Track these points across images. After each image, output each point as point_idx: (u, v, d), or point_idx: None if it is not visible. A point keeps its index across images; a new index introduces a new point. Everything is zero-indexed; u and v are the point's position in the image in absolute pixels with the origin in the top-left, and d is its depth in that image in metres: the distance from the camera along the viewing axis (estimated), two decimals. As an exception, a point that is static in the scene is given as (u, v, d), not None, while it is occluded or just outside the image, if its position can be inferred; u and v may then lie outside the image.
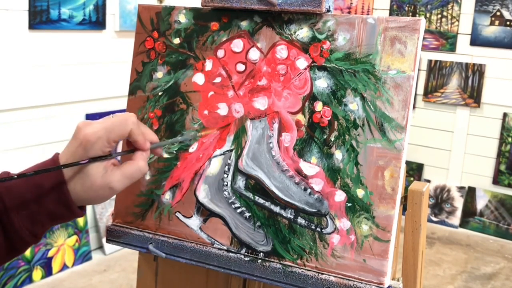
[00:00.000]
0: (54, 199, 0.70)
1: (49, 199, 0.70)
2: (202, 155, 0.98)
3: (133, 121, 0.75)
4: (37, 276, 2.85)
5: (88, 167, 0.71)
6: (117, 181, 0.73)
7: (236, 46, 0.98)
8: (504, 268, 3.41)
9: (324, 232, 0.90)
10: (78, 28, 2.89)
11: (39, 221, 0.71)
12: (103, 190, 0.73)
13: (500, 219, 3.86)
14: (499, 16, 3.79)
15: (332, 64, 0.91)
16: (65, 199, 0.71)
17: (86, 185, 0.71)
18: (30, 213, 0.70)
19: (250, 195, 0.95)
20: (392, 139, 0.87)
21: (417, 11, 4.08)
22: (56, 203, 0.70)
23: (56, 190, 0.70)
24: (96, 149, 0.71)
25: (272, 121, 0.94)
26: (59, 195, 0.70)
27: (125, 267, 3.06)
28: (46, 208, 0.70)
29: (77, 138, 0.72)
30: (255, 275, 0.93)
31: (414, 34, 0.87)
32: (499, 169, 3.86)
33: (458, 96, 3.97)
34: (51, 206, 0.70)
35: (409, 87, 0.87)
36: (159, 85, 1.02)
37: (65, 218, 0.73)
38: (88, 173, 0.71)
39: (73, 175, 0.71)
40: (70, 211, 0.72)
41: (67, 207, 0.71)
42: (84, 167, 0.71)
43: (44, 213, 0.70)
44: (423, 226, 1.02)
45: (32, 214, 0.70)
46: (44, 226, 0.72)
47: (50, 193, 0.70)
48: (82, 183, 0.71)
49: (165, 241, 0.99)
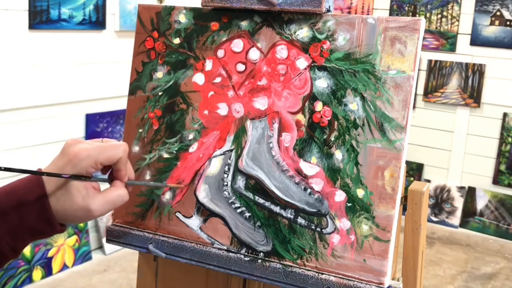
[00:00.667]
0: (35, 214, 0.70)
1: (31, 214, 0.70)
2: (202, 155, 0.98)
3: (124, 149, 0.76)
4: (37, 276, 2.85)
5: (70, 185, 0.71)
6: (98, 205, 0.73)
7: (236, 46, 0.98)
8: (504, 268, 3.41)
9: (324, 232, 0.90)
10: (78, 28, 2.89)
11: (19, 236, 0.70)
12: (82, 212, 0.72)
13: (500, 219, 3.86)
14: (499, 16, 3.79)
15: (332, 64, 0.91)
16: (47, 214, 0.70)
17: (67, 204, 0.71)
18: (11, 228, 0.69)
19: (250, 195, 0.95)
20: (392, 139, 0.87)
21: (417, 11, 4.08)
22: (38, 218, 0.70)
23: (38, 205, 0.70)
24: (83, 166, 0.72)
25: (272, 121, 0.94)
26: (41, 211, 0.70)
27: (125, 267, 3.06)
28: (27, 223, 0.70)
29: (65, 154, 0.72)
30: (255, 275, 0.93)
31: (414, 34, 0.87)
32: (499, 169, 3.86)
33: (458, 96, 3.97)
34: (32, 221, 0.70)
35: (409, 87, 0.87)
36: (159, 85, 1.02)
37: (46, 233, 0.72)
38: (70, 192, 0.71)
39: (55, 191, 0.71)
40: (51, 227, 0.72)
41: (49, 222, 0.71)
42: (66, 185, 0.71)
43: (25, 228, 0.70)
44: (423, 226, 1.02)
45: (13, 228, 0.70)
46: (24, 241, 0.72)
47: (32, 208, 0.70)
48: (63, 201, 0.71)
49: (165, 241, 0.99)
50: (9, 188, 0.71)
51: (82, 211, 0.72)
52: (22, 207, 0.70)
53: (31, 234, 0.71)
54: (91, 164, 0.72)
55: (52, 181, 0.71)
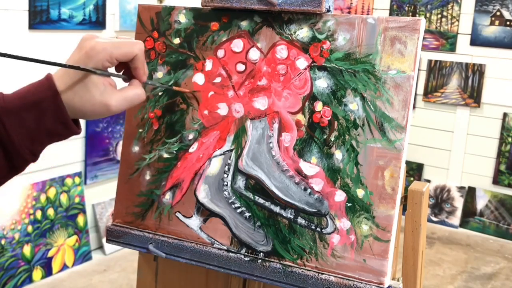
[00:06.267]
0: (51, 117, 0.71)
1: (46, 117, 0.71)
2: (202, 155, 0.98)
3: (140, 47, 0.76)
4: (37, 276, 2.85)
5: (87, 79, 0.72)
6: (115, 101, 0.74)
7: (236, 46, 0.98)
8: (504, 268, 3.41)
9: (324, 232, 0.90)
10: (78, 28, 2.89)
11: (37, 139, 0.71)
12: (99, 107, 0.73)
13: (500, 219, 3.86)
14: (499, 16, 3.79)
15: (332, 64, 0.91)
16: (62, 116, 0.71)
17: (84, 98, 0.72)
18: (29, 132, 0.70)
19: (250, 195, 0.95)
20: (392, 139, 0.87)
21: (417, 11, 4.08)
22: (54, 120, 0.71)
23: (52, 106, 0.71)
24: (98, 59, 0.72)
25: (272, 121, 0.94)
26: (56, 112, 0.71)
27: (125, 267, 3.06)
28: (44, 125, 0.71)
29: (81, 47, 0.73)
30: (255, 275, 0.93)
31: (414, 34, 0.87)
32: (499, 169, 3.86)
33: (458, 96, 3.97)
34: (48, 124, 0.71)
35: (409, 87, 0.87)
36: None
37: (63, 135, 0.73)
38: (88, 86, 0.72)
39: (71, 86, 0.71)
40: (68, 128, 0.72)
41: (64, 123, 0.72)
42: (84, 80, 0.72)
43: (42, 131, 0.71)
44: (423, 226, 1.02)
45: (31, 132, 0.70)
46: (42, 144, 0.73)
47: (46, 109, 0.70)
48: (80, 96, 0.72)
49: (165, 241, 0.99)
50: (20, 93, 0.71)
51: (100, 106, 0.73)
52: (37, 110, 0.70)
53: (48, 136, 0.72)
54: (107, 58, 0.72)
55: (64, 79, 0.72)
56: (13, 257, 2.73)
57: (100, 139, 3.14)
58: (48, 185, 2.89)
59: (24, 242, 2.78)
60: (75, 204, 3.04)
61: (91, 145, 3.08)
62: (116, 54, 0.73)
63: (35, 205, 2.84)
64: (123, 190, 1.04)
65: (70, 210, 3.01)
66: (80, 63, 0.72)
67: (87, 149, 3.07)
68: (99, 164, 3.16)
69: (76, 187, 3.04)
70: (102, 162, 3.17)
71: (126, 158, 1.04)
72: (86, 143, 3.06)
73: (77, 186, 3.04)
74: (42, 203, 2.87)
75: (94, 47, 0.72)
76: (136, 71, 0.78)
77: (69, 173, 3.01)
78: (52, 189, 2.91)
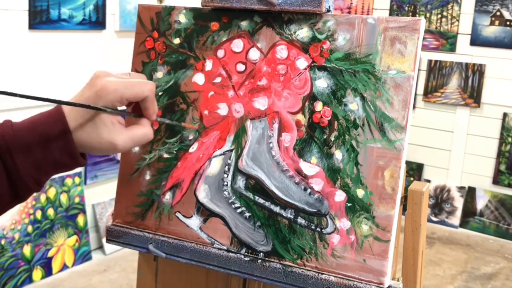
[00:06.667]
0: (58, 148, 0.71)
1: (54, 148, 0.71)
2: (202, 155, 0.98)
3: (151, 88, 0.76)
4: (37, 276, 2.85)
5: (97, 117, 0.72)
6: (122, 140, 0.74)
7: (236, 46, 0.98)
8: (504, 268, 3.41)
9: (324, 232, 0.90)
10: (78, 28, 2.89)
11: (43, 169, 0.71)
12: (106, 145, 0.73)
13: (500, 219, 3.86)
14: (499, 16, 3.79)
15: (332, 64, 0.91)
16: (71, 149, 0.71)
17: (92, 135, 0.72)
18: (35, 161, 0.70)
19: (250, 195, 0.95)
20: (392, 139, 0.87)
21: (417, 11, 4.08)
22: (61, 151, 0.71)
23: (61, 140, 0.71)
24: (109, 100, 0.72)
25: (272, 121, 0.94)
26: (65, 145, 0.71)
27: (125, 267, 3.06)
28: (51, 156, 0.71)
29: (92, 85, 0.73)
30: (255, 275, 0.93)
31: (414, 34, 0.87)
32: (499, 169, 3.86)
33: (458, 96, 3.97)
34: (56, 155, 0.71)
35: (409, 87, 0.87)
36: (159, 85, 1.02)
37: (69, 166, 0.73)
38: (97, 124, 0.72)
39: (80, 122, 0.71)
40: (75, 160, 0.72)
41: (72, 156, 0.72)
42: (93, 117, 0.72)
43: (48, 161, 0.71)
44: (423, 226, 1.02)
45: (37, 161, 0.70)
46: (48, 174, 0.73)
47: (55, 142, 0.70)
48: (88, 132, 0.72)
49: (165, 241, 0.99)
50: (29, 122, 0.71)
51: (107, 144, 0.73)
52: (46, 143, 0.70)
53: (55, 167, 0.72)
54: (117, 99, 0.72)
55: (74, 115, 0.72)
56: (13, 257, 2.73)
57: (100, 139, 3.14)
58: (48, 185, 2.89)
59: (24, 242, 2.78)
60: (75, 204, 3.04)
61: (91, 145, 3.08)
62: (127, 95, 0.73)
63: (35, 205, 2.84)
64: (123, 190, 1.04)
65: (70, 210, 3.01)
66: (90, 101, 0.72)
67: (87, 149, 3.06)
68: (99, 164, 3.16)
69: (76, 187, 3.04)
70: (102, 162, 3.17)
71: (126, 158, 1.04)
72: (86, 143, 3.06)
73: (77, 186, 3.04)
74: (42, 203, 2.87)
75: (105, 87, 0.72)
76: (146, 111, 0.78)
77: (69, 173, 3.01)
78: (52, 189, 2.91)
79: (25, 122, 0.72)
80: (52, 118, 0.71)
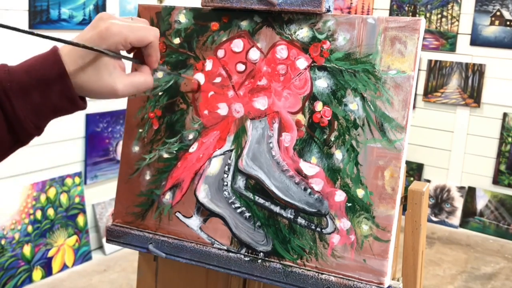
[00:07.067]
0: (57, 92, 0.69)
1: (52, 92, 0.69)
2: (202, 155, 0.98)
3: (155, 34, 0.75)
4: (37, 276, 2.85)
5: (99, 60, 0.70)
6: (123, 85, 0.73)
7: (236, 46, 0.98)
8: (504, 268, 3.41)
9: (324, 232, 0.90)
10: (78, 28, 2.89)
11: (43, 113, 0.70)
12: (106, 89, 0.72)
13: (500, 219, 3.86)
14: (499, 16, 3.79)
15: (332, 64, 0.91)
16: (69, 92, 0.70)
17: (93, 79, 0.70)
18: (34, 106, 0.69)
19: (250, 195, 0.95)
20: (392, 139, 0.87)
21: (417, 11, 4.08)
22: (60, 96, 0.70)
23: (59, 84, 0.69)
24: (112, 42, 0.70)
25: (272, 121, 0.94)
26: (62, 88, 0.69)
27: (125, 267, 3.06)
28: (49, 100, 0.70)
29: (96, 27, 0.71)
30: (255, 275, 0.93)
31: (414, 34, 0.87)
32: (499, 169, 3.86)
33: (458, 96, 3.97)
34: (54, 99, 0.70)
35: (409, 87, 0.87)
36: (159, 85, 1.02)
37: (68, 111, 0.72)
38: (98, 67, 0.70)
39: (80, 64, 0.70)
40: (73, 104, 0.71)
41: (71, 100, 0.71)
42: (95, 60, 0.70)
43: (47, 106, 0.70)
44: (423, 226, 1.02)
45: (36, 106, 0.69)
46: (47, 118, 0.71)
47: (53, 86, 0.69)
48: (89, 75, 0.70)
49: (165, 241, 0.99)
50: (26, 66, 0.70)
51: (107, 88, 0.72)
52: (44, 86, 0.69)
53: (54, 112, 0.71)
54: (121, 41, 0.71)
55: (74, 56, 0.70)
56: (13, 257, 2.73)
57: (100, 139, 3.14)
58: (48, 185, 2.89)
59: (24, 242, 2.78)
60: (75, 204, 3.04)
61: (91, 145, 3.08)
62: (131, 38, 0.71)
63: (35, 205, 2.84)
64: (123, 190, 1.04)
65: (70, 210, 3.01)
66: (92, 42, 0.70)
67: (87, 149, 3.07)
68: (99, 164, 3.16)
69: (76, 187, 3.04)
70: (102, 162, 3.17)
71: (126, 158, 1.04)
72: (86, 143, 3.06)
73: (77, 186, 3.04)
74: (42, 203, 2.87)
75: (109, 29, 0.70)
76: (149, 58, 0.76)
77: (69, 173, 3.01)
78: (52, 189, 2.91)
79: (21, 66, 0.70)
80: (49, 61, 0.69)
